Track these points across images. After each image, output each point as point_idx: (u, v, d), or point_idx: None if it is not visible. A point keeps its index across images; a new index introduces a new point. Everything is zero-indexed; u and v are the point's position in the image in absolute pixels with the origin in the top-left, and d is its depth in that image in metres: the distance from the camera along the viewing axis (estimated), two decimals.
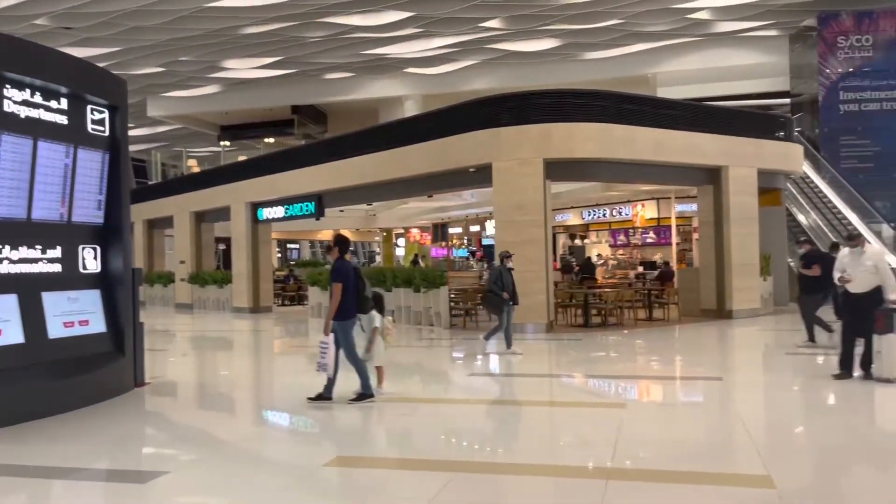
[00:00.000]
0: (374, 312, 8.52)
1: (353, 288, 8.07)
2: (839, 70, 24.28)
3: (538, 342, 13.72)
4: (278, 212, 21.18)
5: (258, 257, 22.18)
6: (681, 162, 15.83)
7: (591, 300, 15.66)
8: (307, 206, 20.15)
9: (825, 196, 22.34)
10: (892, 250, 20.45)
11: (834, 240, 17.29)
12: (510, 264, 12.33)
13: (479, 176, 15.40)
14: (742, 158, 16.55)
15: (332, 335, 8.01)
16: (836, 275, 9.07)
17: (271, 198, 21.32)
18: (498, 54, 29.92)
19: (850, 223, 21.51)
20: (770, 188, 17.40)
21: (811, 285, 11.33)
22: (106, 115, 9.25)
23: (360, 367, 8.12)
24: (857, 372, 8.73)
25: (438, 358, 12.85)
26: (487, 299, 12.33)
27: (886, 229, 21.61)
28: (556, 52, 29.63)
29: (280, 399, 9.33)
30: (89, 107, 9.00)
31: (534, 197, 14.65)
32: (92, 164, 9.02)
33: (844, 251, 9.33)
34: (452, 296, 16.58)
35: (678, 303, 16.25)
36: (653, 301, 16.71)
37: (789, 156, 17.69)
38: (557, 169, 14.87)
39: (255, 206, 22.05)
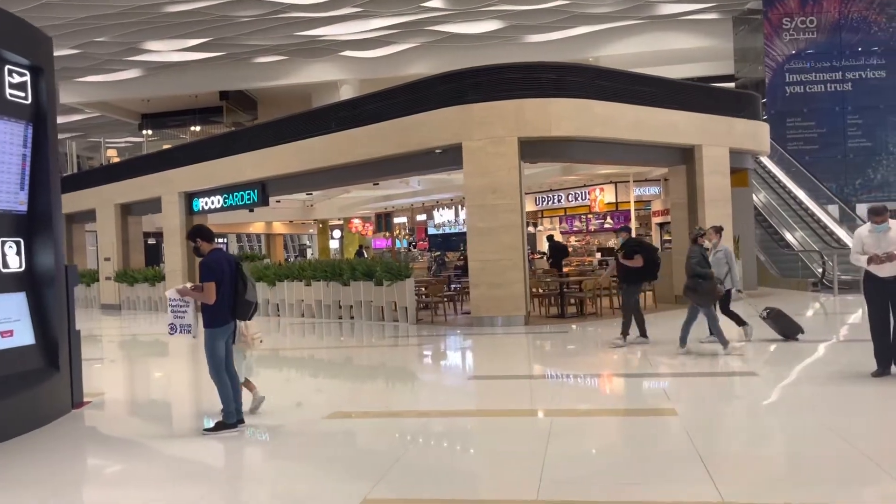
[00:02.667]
0: None
1: (229, 287, 6.43)
2: (784, 52, 23.95)
3: (517, 336, 12.43)
4: (216, 202, 19.19)
5: (191, 253, 20.06)
6: (658, 141, 14.83)
7: (567, 289, 14.51)
8: (250, 194, 18.25)
9: (776, 176, 21.96)
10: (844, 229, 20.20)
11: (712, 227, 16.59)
12: (707, 244, 10.19)
13: (448, 157, 13.98)
14: (715, 137, 15.70)
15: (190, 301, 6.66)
16: (860, 258, 8.00)
17: (208, 187, 19.29)
18: (438, 37, 28.50)
19: (801, 202, 21.21)
20: (738, 168, 16.64)
21: (633, 276, 10.22)
22: (28, 78, 7.37)
23: (223, 387, 6.45)
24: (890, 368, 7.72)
25: (405, 358, 11.39)
26: (697, 287, 9.38)
27: (833, 209, 21.34)
28: (498, 34, 28.45)
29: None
30: (6, 67, 7.12)
31: (508, 179, 13.34)
32: (10, 138, 7.15)
33: (863, 230, 8.26)
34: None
35: (653, 290, 15.26)
36: None
37: (758, 135, 16.98)
38: (533, 149, 13.61)
39: (190, 197, 19.96)
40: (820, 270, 18.04)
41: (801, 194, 21.17)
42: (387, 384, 9.28)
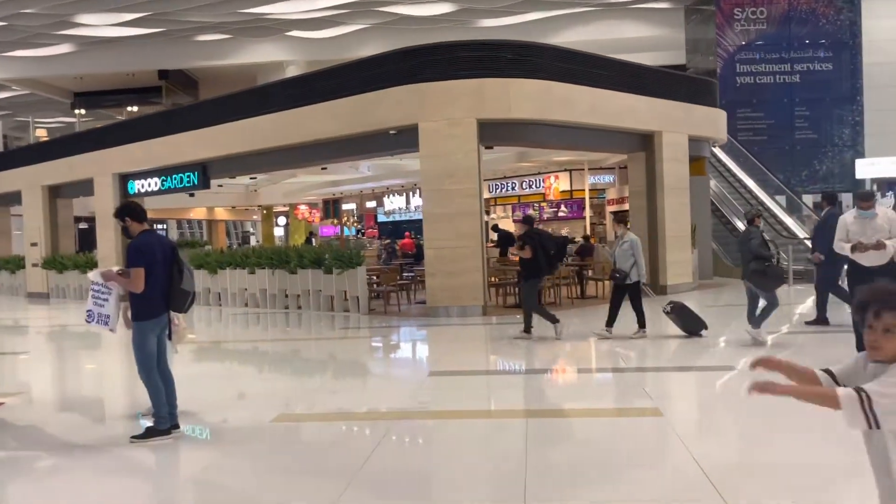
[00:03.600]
0: None
1: (162, 275, 5.56)
2: (735, 43, 23.81)
3: (475, 327, 11.75)
4: (154, 184, 17.93)
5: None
6: (617, 126, 14.30)
7: None
8: (189, 176, 17.08)
9: (727, 165, 21.79)
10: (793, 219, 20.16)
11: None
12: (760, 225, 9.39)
13: (402, 139, 13.16)
14: (674, 123, 15.27)
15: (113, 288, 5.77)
16: (844, 245, 7.58)
17: (145, 168, 18.00)
18: (388, 18, 27.48)
19: (753, 192, 21.09)
20: (696, 156, 16.26)
21: (529, 270, 9.67)
22: None
23: (155, 388, 5.58)
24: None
25: (358, 351, 10.58)
26: (763, 272, 8.53)
27: (781, 200, 21.28)
28: (450, 17, 27.58)
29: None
30: None
31: (465, 162, 12.61)
32: None
33: (848, 216, 7.84)
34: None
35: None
36: (586, 278, 15.18)
37: (716, 122, 16.64)
38: (492, 131, 12.91)
39: (125, 178, 18.63)
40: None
41: (752, 184, 21.04)
42: (339, 381, 8.47)
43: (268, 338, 12.47)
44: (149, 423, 5.71)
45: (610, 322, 9.57)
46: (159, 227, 44.02)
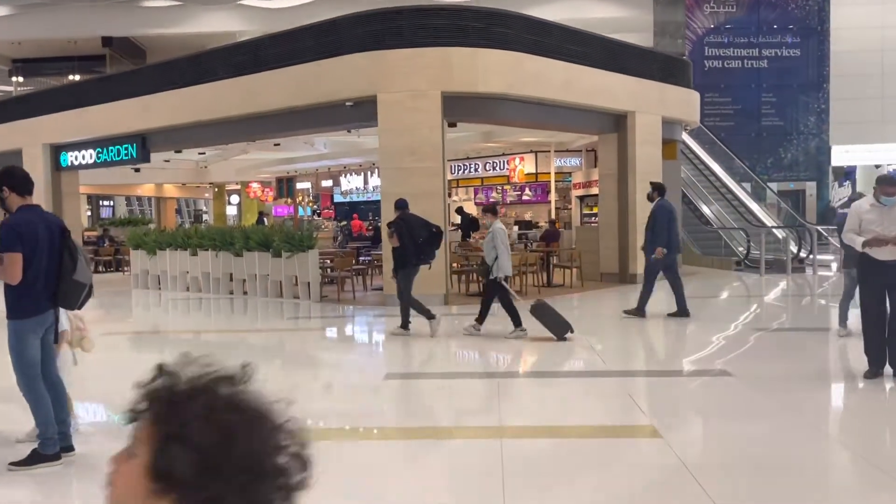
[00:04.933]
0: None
1: (48, 262, 4.37)
2: (704, 26, 23.03)
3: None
4: (89, 156, 16.34)
5: (61, 214, 17.12)
6: (590, 105, 13.29)
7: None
8: (128, 149, 15.55)
9: (694, 150, 21.02)
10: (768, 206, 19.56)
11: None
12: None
13: (359, 112, 11.91)
14: (648, 104, 14.31)
15: None
16: (855, 238, 6.61)
17: (79, 139, 16.37)
18: None
19: (721, 179, 20.40)
20: (668, 139, 15.35)
21: (398, 260, 8.76)
22: None
23: (38, 403, 4.38)
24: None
25: (304, 346, 9.40)
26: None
27: (746, 186, 20.64)
28: None
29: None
30: None
31: (429, 138, 11.46)
32: None
33: (864, 204, 6.87)
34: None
35: (580, 266, 13.84)
36: (553, 265, 14.19)
37: (690, 104, 15.76)
38: (457, 106, 11.74)
39: (57, 150, 16.97)
40: (741, 250, 17.18)
41: (718, 170, 20.33)
42: (282, 383, 7.27)
43: (205, 327, 11.19)
44: (33, 446, 4.50)
45: (480, 318, 8.61)
46: (105, 203, 41.88)
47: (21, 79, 31.00)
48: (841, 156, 22.59)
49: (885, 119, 24.09)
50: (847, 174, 27.13)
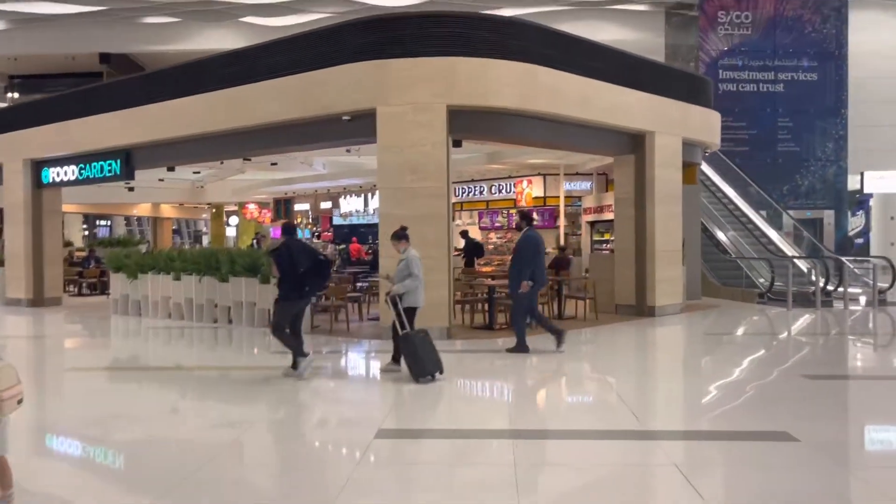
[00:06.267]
0: None
1: None
2: (718, 48, 22.00)
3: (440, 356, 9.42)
4: (71, 172, 15.19)
5: (41, 233, 15.97)
6: (608, 123, 12.15)
7: (497, 294, 11.63)
8: (111, 165, 14.41)
9: (709, 176, 19.88)
10: (784, 235, 18.33)
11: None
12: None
13: (357, 126, 10.78)
14: (668, 124, 13.18)
15: None
16: None
17: (61, 154, 15.24)
18: (354, 7, 25.04)
19: (738, 207, 19.25)
20: (688, 163, 14.20)
21: (281, 289, 7.82)
22: None
23: None
24: None
25: (285, 391, 8.11)
26: None
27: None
28: (420, 7, 25.31)
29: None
30: None
31: (433, 156, 10.31)
32: None
33: None
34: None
35: (594, 297, 12.60)
36: (565, 295, 12.96)
37: (711, 125, 14.62)
38: (464, 121, 10.60)
39: (39, 165, 15.84)
40: (762, 281, 15.95)
41: (735, 197, 19.16)
42: (257, 440, 6.01)
43: (178, 361, 9.92)
44: None
45: (397, 357, 7.90)
46: (103, 222, 40.73)
47: (17, 95, 30.05)
48: (875, 182, 21.38)
49: None
50: (860, 203, 25.96)
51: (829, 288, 15.01)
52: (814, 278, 15.04)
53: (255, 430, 6.09)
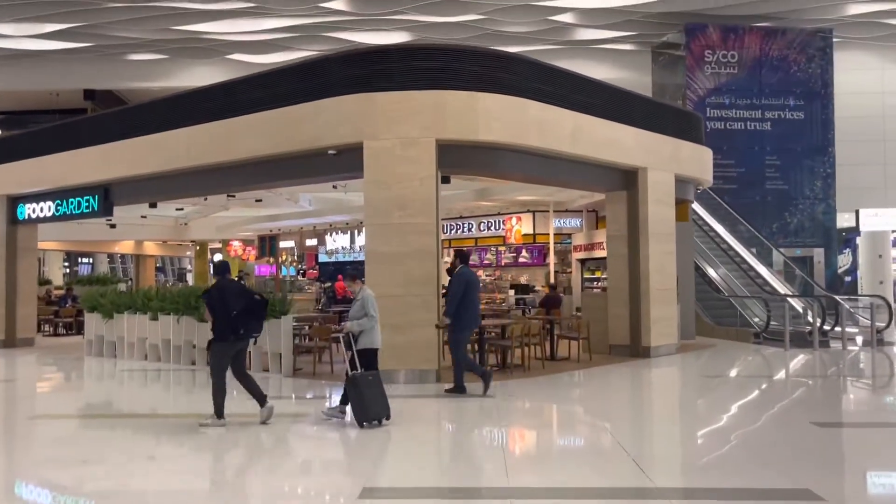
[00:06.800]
0: None
1: None
2: (706, 86, 21.97)
3: (427, 402, 8.89)
4: (47, 208, 14.67)
5: (15, 271, 15.36)
6: (599, 159, 11.84)
7: (488, 334, 11.13)
8: (88, 201, 13.92)
9: (698, 213, 19.62)
10: (775, 273, 18.03)
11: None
12: None
13: (344, 161, 10.38)
14: (661, 160, 12.91)
15: None
16: None
17: (38, 189, 14.75)
18: (339, 45, 24.92)
19: (723, 240, 18.99)
20: (680, 199, 13.90)
21: (214, 332, 7.44)
22: None
23: None
24: None
25: (261, 440, 7.53)
26: None
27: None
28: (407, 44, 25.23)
29: None
30: None
31: (422, 192, 9.92)
32: None
33: None
34: (296, 326, 11.41)
35: (588, 337, 12.14)
36: (557, 336, 12.49)
37: (704, 162, 14.38)
38: (453, 156, 10.25)
39: (14, 202, 15.31)
40: (756, 320, 15.57)
41: (726, 235, 18.90)
42: (225, 499, 5.44)
43: (147, 408, 9.32)
44: None
45: (343, 400, 7.54)
46: (85, 260, 39.98)
47: (1, 132, 29.56)
48: (870, 220, 21.20)
49: (887, 185, 23.06)
50: (847, 241, 25.83)
51: (826, 328, 14.64)
52: (810, 318, 14.68)
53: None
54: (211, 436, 7.07)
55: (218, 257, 32.89)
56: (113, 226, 25.27)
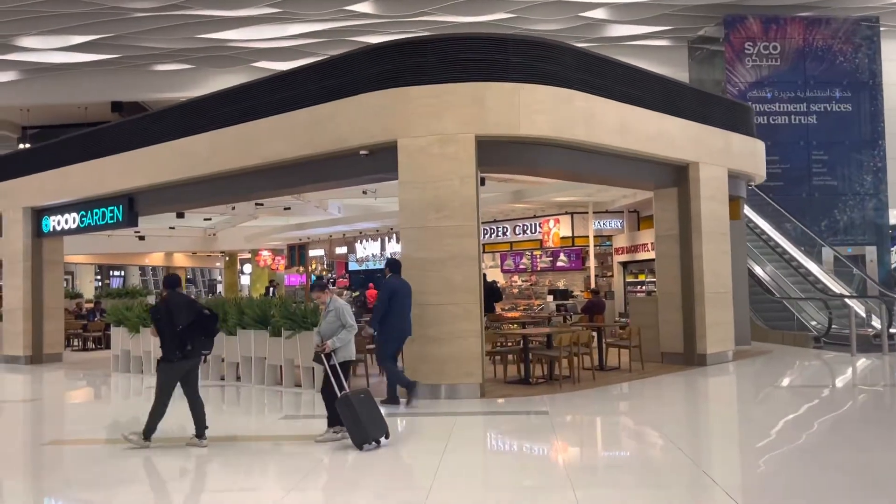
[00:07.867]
0: None
1: None
2: (747, 80, 20.93)
3: (473, 419, 8.08)
4: (72, 220, 14.17)
5: (41, 285, 14.88)
6: (648, 153, 10.96)
7: (532, 343, 10.31)
8: (113, 211, 13.37)
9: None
10: (827, 272, 16.93)
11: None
12: None
13: (376, 162, 9.65)
14: (712, 154, 12.00)
15: None
16: None
17: (61, 201, 14.25)
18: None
19: (770, 238, 17.95)
20: (732, 196, 12.93)
21: (162, 348, 6.82)
22: None
23: None
24: None
25: (287, 467, 6.77)
26: None
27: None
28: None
29: None
30: None
31: (461, 192, 9.14)
32: None
33: None
34: None
35: (639, 345, 11.24)
36: (608, 344, 11.61)
37: (756, 155, 13.40)
38: (494, 153, 9.45)
39: (39, 214, 14.85)
40: (814, 323, 14.52)
41: (775, 234, 17.85)
42: None
43: (172, 431, 8.63)
44: None
45: (332, 421, 7.00)
46: (116, 273, 39.84)
47: (29, 146, 29.46)
48: None
49: None
50: (895, 239, 24.52)
51: (892, 330, 13.55)
52: (874, 320, 13.61)
53: None
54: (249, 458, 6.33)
55: (248, 268, 32.47)
56: (142, 238, 24.94)
